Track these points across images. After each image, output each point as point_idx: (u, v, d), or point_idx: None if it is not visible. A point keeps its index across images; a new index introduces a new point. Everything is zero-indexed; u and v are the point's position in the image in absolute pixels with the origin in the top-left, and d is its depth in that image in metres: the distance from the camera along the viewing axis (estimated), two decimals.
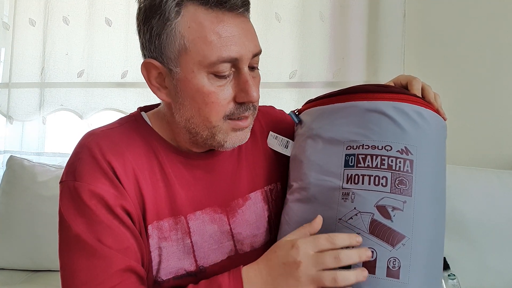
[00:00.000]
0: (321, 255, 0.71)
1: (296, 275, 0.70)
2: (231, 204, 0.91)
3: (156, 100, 0.97)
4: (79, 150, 0.82)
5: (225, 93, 0.79)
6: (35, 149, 2.13)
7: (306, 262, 0.70)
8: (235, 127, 0.82)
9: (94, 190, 0.77)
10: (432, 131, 0.80)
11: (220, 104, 0.79)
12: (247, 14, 0.82)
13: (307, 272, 0.70)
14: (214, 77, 0.78)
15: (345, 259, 0.70)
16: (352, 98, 0.84)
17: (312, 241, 0.72)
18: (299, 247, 0.71)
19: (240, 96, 0.80)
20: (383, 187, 0.76)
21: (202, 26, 0.76)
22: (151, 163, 0.85)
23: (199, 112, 0.80)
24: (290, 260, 0.71)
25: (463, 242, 1.49)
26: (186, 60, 0.78)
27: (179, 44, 0.77)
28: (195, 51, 0.77)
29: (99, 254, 0.75)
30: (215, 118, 0.80)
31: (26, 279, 1.73)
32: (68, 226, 0.77)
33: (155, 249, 0.83)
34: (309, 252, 0.71)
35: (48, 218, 1.72)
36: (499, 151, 1.73)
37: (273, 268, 0.73)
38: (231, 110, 0.80)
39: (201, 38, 0.76)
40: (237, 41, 0.77)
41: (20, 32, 2.12)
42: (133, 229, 0.80)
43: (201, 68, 0.77)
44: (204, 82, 0.78)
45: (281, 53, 1.89)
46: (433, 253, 0.78)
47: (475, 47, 1.76)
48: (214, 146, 0.85)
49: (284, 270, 0.72)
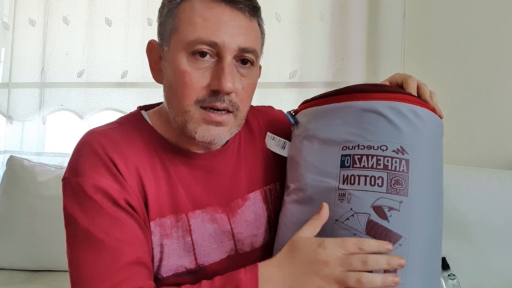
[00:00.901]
0: (350, 257, 0.69)
1: (323, 274, 0.69)
2: (231, 204, 0.91)
3: (156, 100, 0.98)
4: (81, 147, 0.82)
5: (201, 76, 0.79)
6: (35, 149, 2.13)
7: (334, 262, 0.69)
8: (207, 118, 0.81)
9: (97, 185, 0.77)
10: (428, 130, 0.80)
11: (193, 87, 0.79)
12: (251, 13, 0.82)
13: (334, 272, 0.69)
14: (193, 58, 0.79)
15: (373, 264, 0.69)
16: (347, 98, 0.83)
17: (341, 243, 0.71)
18: (327, 247, 0.70)
19: (213, 83, 0.79)
20: (379, 187, 0.76)
21: (193, 9, 0.79)
22: (153, 161, 0.85)
23: (176, 94, 0.81)
24: (318, 259, 0.70)
25: (463, 242, 1.49)
26: (174, 40, 0.81)
27: (172, 24, 0.81)
28: (181, 31, 0.80)
29: (107, 246, 0.75)
30: (187, 102, 0.80)
31: (26, 279, 1.73)
32: (74, 222, 0.77)
33: (157, 246, 0.83)
34: (337, 253, 0.70)
35: (48, 218, 1.72)
36: (499, 151, 1.73)
37: (298, 266, 0.71)
38: (204, 96, 0.80)
39: (189, 19, 0.79)
40: (222, 28, 0.78)
41: (20, 32, 2.12)
42: (140, 222, 0.80)
43: (182, 48, 0.79)
44: (183, 61, 0.79)
45: (281, 53, 1.89)
46: (431, 253, 0.78)
47: (475, 47, 1.76)
48: (189, 138, 0.84)
49: (310, 268, 0.70)
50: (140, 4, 2.02)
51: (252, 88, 0.86)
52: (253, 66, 0.84)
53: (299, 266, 0.71)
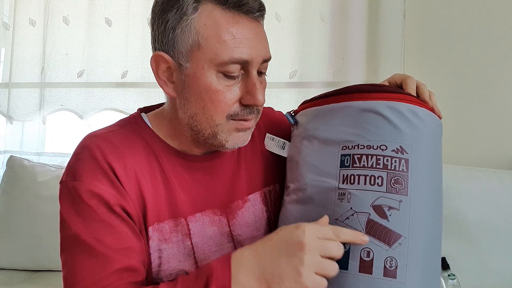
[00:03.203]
0: (327, 242, 0.69)
1: (300, 256, 0.67)
2: (231, 206, 0.91)
3: (156, 100, 0.97)
4: (80, 151, 0.82)
5: (232, 93, 0.80)
6: (35, 149, 2.13)
7: (311, 245, 0.68)
8: (239, 126, 0.83)
9: (93, 190, 0.77)
10: (427, 130, 0.80)
11: (226, 104, 0.80)
12: (261, 19, 0.83)
13: (311, 255, 0.68)
14: (223, 77, 0.79)
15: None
16: (347, 98, 0.83)
17: (318, 227, 0.70)
18: (305, 230, 0.69)
19: (246, 99, 0.80)
20: (379, 186, 0.76)
21: (218, 24, 0.77)
22: (152, 165, 0.85)
23: (204, 110, 0.80)
24: (295, 240, 0.69)
25: (463, 242, 1.49)
26: (197, 57, 0.78)
27: (193, 39, 0.78)
28: (208, 48, 0.77)
29: (98, 253, 0.76)
30: (219, 117, 0.80)
31: (26, 279, 1.73)
32: (68, 226, 0.78)
33: (155, 251, 0.83)
34: (315, 236, 0.69)
35: (48, 218, 1.72)
36: (499, 151, 1.73)
37: (274, 247, 0.70)
38: (236, 110, 0.81)
39: (215, 36, 0.77)
40: (249, 44, 0.78)
41: (20, 32, 2.12)
42: (135, 229, 0.80)
43: (211, 66, 0.78)
44: (212, 80, 0.78)
45: (281, 53, 1.89)
46: (430, 252, 0.78)
47: (475, 47, 1.76)
48: (215, 146, 0.85)
49: (287, 250, 0.69)
50: (140, 4, 2.02)
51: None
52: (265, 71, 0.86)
53: (274, 248, 0.70)
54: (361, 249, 0.74)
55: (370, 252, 0.73)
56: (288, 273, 0.67)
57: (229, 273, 0.69)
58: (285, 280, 0.67)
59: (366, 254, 0.73)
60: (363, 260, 0.73)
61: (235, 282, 0.69)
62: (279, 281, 0.68)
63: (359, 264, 0.73)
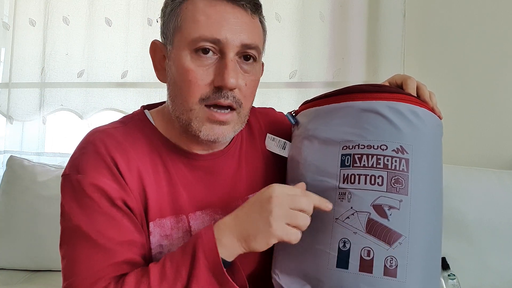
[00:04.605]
0: (296, 196, 0.74)
1: (269, 209, 0.73)
2: (232, 205, 0.91)
3: (156, 100, 0.98)
4: (84, 145, 0.83)
5: (204, 74, 0.80)
6: (35, 149, 2.13)
7: (279, 198, 0.73)
8: (211, 117, 0.82)
9: (97, 184, 0.78)
10: (428, 130, 0.80)
11: (197, 84, 0.80)
12: (252, 10, 0.83)
13: (280, 207, 0.73)
14: (196, 55, 0.80)
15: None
16: (347, 98, 0.84)
17: (288, 186, 0.77)
18: (274, 186, 0.75)
19: (217, 80, 0.80)
20: (379, 186, 0.76)
21: (196, 7, 0.80)
22: (155, 161, 0.86)
23: (180, 92, 0.82)
24: (265, 196, 0.74)
25: (463, 242, 1.49)
26: (177, 39, 0.81)
27: (175, 23, 0.81)
28: (184, 29, 0.80)
29: (99, 245, 0.76)
30: (191, 100, 0.81)
31: (26, 279, 1.73)
32: (69, 218, 0.78)
33: (156, 246, 0.84)
34: (284, 192, 0.74)
35: (48, 218, 1.72)
36: (499, 151, 1.73)
37: (249, 207, 0.76)
38: (207, 93, 0.80)
39: (191, 17, 0.80)
40: (225, 25, 0.79)
41: (20, 32, 2.12)
42: (136, 223, 0.81)
43: (185, 46, 0.80)
44: (186, 59, 0.80)
45: (281, 53, 1.89)
46: (430, 251, 0.78)
47: (475, 47, 1.76)
48: (195, 137, 0.85)
49: (259, 206, 0.74)
50: (140, 4, 2.02)
51: (255, 85, 0.86)
52: (255, 63, 0.85)
53: (249, 208, 0.76)
54: (362, 248, 0.74)
55: (370, 251, 0.73)
56: (261, 226, 0.73)
57: (213, 237, 0.74)
58: (259, 233, 0.73)
59: (367, 253, 0.74)
60: (363, 259, 0.74)
61: (219, 244, 0.73)
62: (254, 236, 0.74)
63: (359, 263, 0.73)
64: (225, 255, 0.74)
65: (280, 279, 0.82)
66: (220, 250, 0.73)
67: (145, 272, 0.75)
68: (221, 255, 0.73)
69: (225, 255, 0.74)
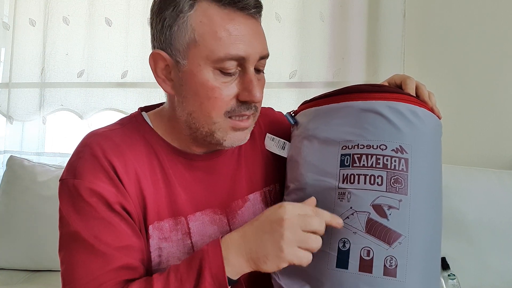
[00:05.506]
0: (308, 217, 0.72)
1: (281, 232, 0.71)
2: (231, 205, 0.92)
3: (156, 100, 0.98)
4: (81, 149, 0.82)
5: (229, 90, 0.80)
6: (35, 149, 2.13)
7: (291, 221, 0.71)
8: (235, 126, 0.83)
9: (94, 188, 0.78)
10: (427, 130, 0.80)
11: (222, 100, 0.80)
12: (258, 16, 0.83)
13: (292, 230, 0.71)
14: (220, 73, 0.79)
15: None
16: (347, 98, 0.84)
17: (300, 205, 0.75)
18: (286, 207, 0.73)
19: (243, 95, 0.80)
20: (378, 186, 0.76)
21: (213, 21, 0.77)
22: (152, 164, 0.85)
23: (201, 107, 0.80)
24: (276, 217, 0.72)
25: (463, 242, 1.49)
26: (194, 54, 0.79)
27: (189, 37, 0.78)
28: (204, 45, 0.78)
29: (97, 251, 0.76)
30: (216, 114, 0.81)
31: (26, 279, 1.73)
32: (67, 224, 0.78)
33: (155, 249, 0.84)
34: (295, 213, 0.72)
35: (48, 218, 1.72)
36: (499, 151, 1.73)
37: (258, 227, 0.74)
38: (233, 107, 0.81)
39: (211, 33, 0.77)
40: (245, 41, 0.78)
41: (20, 32, 2.12)
42: (134, 228, 0.81)
43: (208, 63, 0.78)
44: (209, 77, 0.79)
45: (281, 53, 1.89)
46: (430, 251, 0.78)
47: (475, 47, 1.76)
48: (214, 144, 0.86)
49: (270, 227, 0.72)
50: (140, 4, 2.02)
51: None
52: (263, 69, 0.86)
53: (259, 228, 0.74)
54: (361, 248, 0.74)
55: (370, 251, 0.73)
56: (271, 250, 0.71)
57: (221, 255, 0.73)
58: (269, 256, 0.71)
59: (366, 253, 0.74)
60: (363, 259, 0.73)
61: (227, 263, 0.72)
62: (264, 258, 0.72)
63: (359, 263, 0.73)
64: (231, 274, 0.73)
65: (280, 279, 0.82)
66: (227, 269, 0.72)
67: (149, 283, 0.75)
68: (227, 273, 0.73)
69: (231, 274, 0.73)
